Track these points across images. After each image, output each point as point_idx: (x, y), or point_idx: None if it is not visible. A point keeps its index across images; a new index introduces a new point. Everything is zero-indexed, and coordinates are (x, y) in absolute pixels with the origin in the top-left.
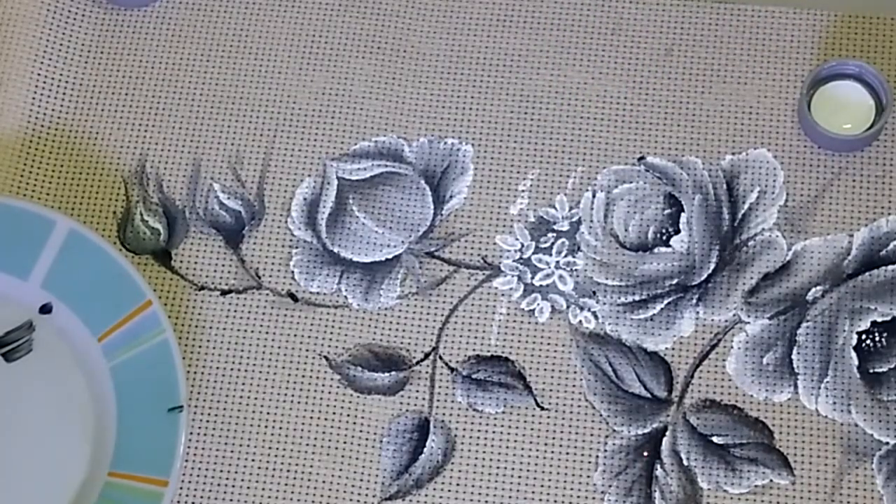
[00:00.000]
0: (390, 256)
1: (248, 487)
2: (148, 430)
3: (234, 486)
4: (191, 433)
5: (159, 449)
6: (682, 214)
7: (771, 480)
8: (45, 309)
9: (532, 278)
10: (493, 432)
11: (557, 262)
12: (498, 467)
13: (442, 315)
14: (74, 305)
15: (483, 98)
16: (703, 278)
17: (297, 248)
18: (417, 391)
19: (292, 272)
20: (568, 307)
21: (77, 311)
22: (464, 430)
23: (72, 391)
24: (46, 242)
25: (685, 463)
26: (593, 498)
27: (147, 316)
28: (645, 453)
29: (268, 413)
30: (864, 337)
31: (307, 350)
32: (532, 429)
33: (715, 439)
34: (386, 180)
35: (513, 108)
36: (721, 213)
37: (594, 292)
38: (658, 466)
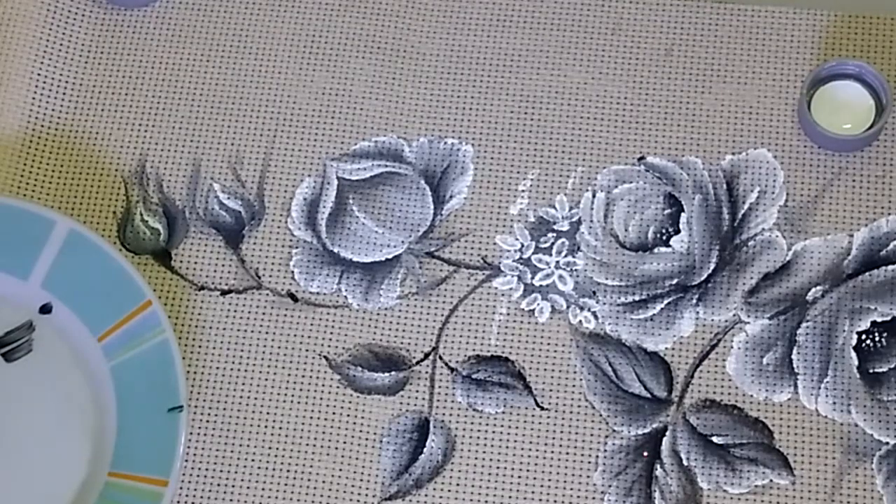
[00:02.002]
0: (390, 256)
1: (248, 487)
2: (148, 430)
3: (234, 486)
4: (191, 433)
5: (159, 449)
6: (682, 214)
7: (771, 480)
8: (45, 309)
9: (532, 278)
10: (493, 432)
11: (557, 262)
12: (498, 467)
13: (442, 315)
14: (74, 305)
15: (483, 98)
16: (703, 278)
17: (297, 248)
18: (417, 391)
19: (292, 272)
20: (568, 307)
21: (77, 311)
22: (464, 430)
23: (72, 391)
24: (46, 242)
25: (685, 463)
26: (593, 498)
27: (147, 316)
28: (645, 453)
29: (268, 413)
30: (864, 337)
31: (307, 350)
32: (532, 429)
33: (715, 439)
34: (386, 180)
35: (513, 108)
36: (721, 213)
37: (594, 292)
38: (658, 466)
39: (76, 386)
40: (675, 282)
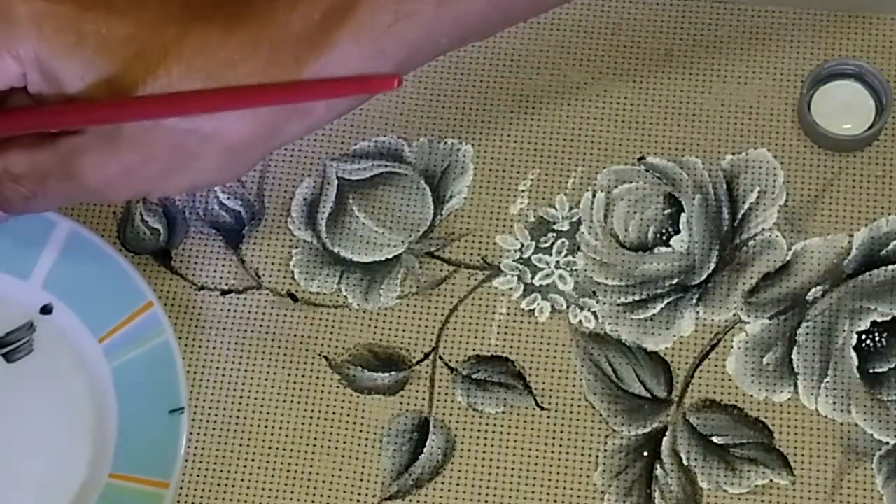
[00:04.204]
0: (390, 256)
1: (248, 487)
2: (149, 431)
3: (234, 486)
4: (191, 433)
5: (160, 451)
6: (682, 214)
7: (771, 480)
8: (46, 309)
9: (532, 278)
10: (493, 432)
11: (557, 262)
12: (498, 467)
13: (442, 315)
14: (75, 306)
15: (483, 98)
16: (703, 278)
17: (297, 248)
18: (417, 391)
19: (292, 272)
20: (568, 307)
21: (78, 311)
22: (464, 430)
23: (72, 392)
24: (47, 243)
25: (685, 463)
26: (593, 498)
27: (148, 317)
28: (645, 453)
29: (268, 413)
30: (864, 337)
31: (307, 350)
32: (532, 429)
33: (715, 439)
34: (386, 180)
35: (513, 108)
36: (721, 213)
37: (594, 292)
38: (658, 466)
39: (77, 387)
40: (675, 282)
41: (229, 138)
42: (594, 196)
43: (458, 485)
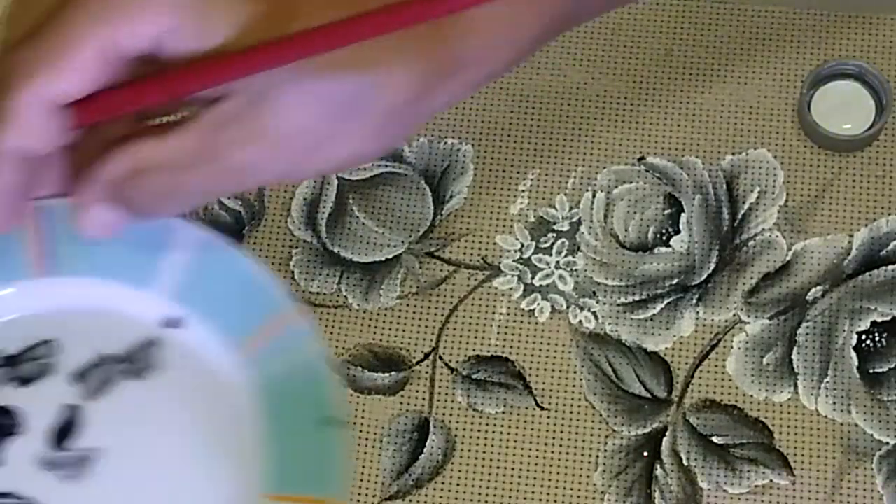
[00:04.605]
0: (390, 256)
1: None
2: (300, 445)
3: None
4: None
5: (317, 465)
6: (682, 214)
7: (771, 480)
8: (177, 322)
9: (532, 278)
10: (493, 432)
11: (557, 262)
12: (498, 467)
13: (442, 315)
14: (209, 317)
15: (483, 98)
16: (703, 278)
17: (297, 248)
18: (417, 391)
19: (292, 272)
20: (568, 307)
21: (212, 323)
22: (464, 430)
23: (211, 407)
24: (171, 251)
25: (685, 463)
26: (593, 498)
27: (290, 325)
28: (645, 453)
29: None
30: (864, 337)
31: None
32: (532, 429)
33: (715, 439)
34: (386, 180)
35: (513, 108)
36: (721, 213)
37: (594, 292)
38: (658, 466)
39: (215, 402)
40: (675, 282)
41: (386, 96)
42: (594, 196)
43: (458, 485)
